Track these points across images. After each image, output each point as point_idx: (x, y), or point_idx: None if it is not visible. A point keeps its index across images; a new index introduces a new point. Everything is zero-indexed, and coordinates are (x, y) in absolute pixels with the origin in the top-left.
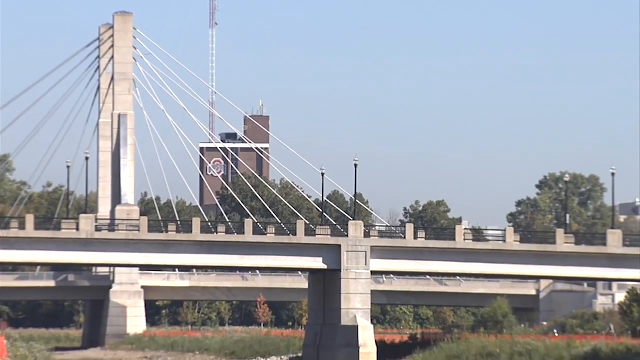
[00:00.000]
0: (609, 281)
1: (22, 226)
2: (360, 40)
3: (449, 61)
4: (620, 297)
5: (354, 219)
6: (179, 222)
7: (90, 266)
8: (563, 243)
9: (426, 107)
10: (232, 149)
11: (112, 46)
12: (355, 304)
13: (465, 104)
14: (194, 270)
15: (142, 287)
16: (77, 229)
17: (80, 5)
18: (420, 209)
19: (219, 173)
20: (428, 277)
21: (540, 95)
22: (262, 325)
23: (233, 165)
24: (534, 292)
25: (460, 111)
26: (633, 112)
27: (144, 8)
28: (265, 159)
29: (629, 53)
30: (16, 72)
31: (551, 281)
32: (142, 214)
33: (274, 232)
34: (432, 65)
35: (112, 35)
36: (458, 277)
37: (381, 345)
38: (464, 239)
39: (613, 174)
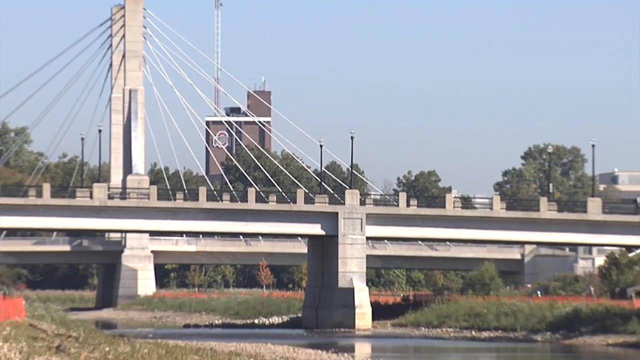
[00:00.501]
0: (589, 246)
1: (39, 194)
2: (356, 20)
3: (439, 40)
4: (600, 261)
5: (350, 188)
6: (186, 191)
7: (103, 232)
8: (546, 210)
9: (419, 83)
10: (236, 122)
11: (124, 25)
12: (352, 268)
13: (455, 79)
14: (200, 235)
15: (152, 251)
16: (91, 197)
17: None
18: (413, 178)
19: (223, 145)
20: (419, 242)
21: (526, 70)
22: (264, 287)
23: (237, 138)
24: (518, 257)
25: (451, 86)
26: (613, 86)
27: None
28: (267, 131)
29: (611, 27)
30: (33, 49)
31: (535, 246)
32: (151, 183)
33: (275, 200)
34: (424, 45)
35: (124, 15)
36: (447, 243)
37: (375, 306)
38: (454, 207)
39: (593, 146)
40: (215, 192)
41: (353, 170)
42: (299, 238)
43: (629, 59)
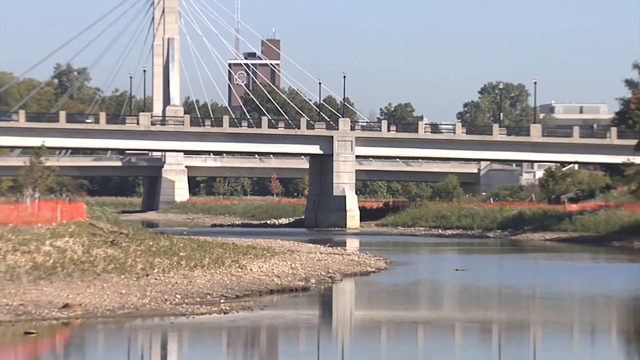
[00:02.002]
0: (531, 162)
1: (96, 121)
2: None
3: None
4: (540, 174)
5: (343, 117)
6: (212, 119)
7: (147, 151)
8: (497, 134)
9: (396, 29)
10: (252, 64)
11: None
12: (344, 180)
13: (427, 26)
14: (224, 154)
15: (186, 166)
16: (138, 124)
17: None
18: (392, 109)
19: (242, 82)
20: (397, 159)
21: (482, 17)
22: (274, 195)
23: (253, 77)
24: (475, 171)
25: (423, 32)
26: (553, 32)
27: None
28: (277, 71)
29: None
30: (92, 5)
31: (488, 162)
32: (185, 113)
33: (283, 126)
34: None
35: None
36: (419, 160)
37: (362, 210)
38: (424, 132)
39: (535, 83)
40: (235, 120)
41: (345, 103)
42: (302, 156)
43: (567, 7)
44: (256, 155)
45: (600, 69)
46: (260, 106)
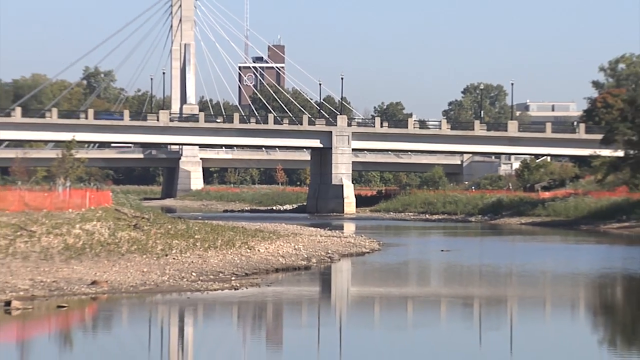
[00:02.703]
0: (509, 155)
1: (120, 117)
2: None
3: (405, 5)
4: (516, 165)
5: (340, 114)
6: (224, 116)
7: (166, 144)
8: (479, 130)
9: (389, 34)
10: (259, 67)
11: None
12: (341, 170)
13: (416, 30)
14: (235, 147)
15: (201, 158)
16: (158, 120)
17: None
18: (385, 107)
19: (251, 83)
20: (389, 152)
21: (465, 22)
22: (279, 184)
23: (260, 78)
24: (459, 162)
25: (413, 36)
26: (530, 37)
27: None
28: (282, 73)
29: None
30: (117, 13)
31: (471, 155)
32: (200, 110)
33: (287, 122)
34: (394, 5)
35: None
36: (409, 152)
37: (358, 197)
38: (413, 127)
39: (512, 84)
40: (245, 117)
41: (342, 102)
42: (304, 149)
43: (541, 15)
44: (263, 149)
45: (570, 71)
46: (267, 105)
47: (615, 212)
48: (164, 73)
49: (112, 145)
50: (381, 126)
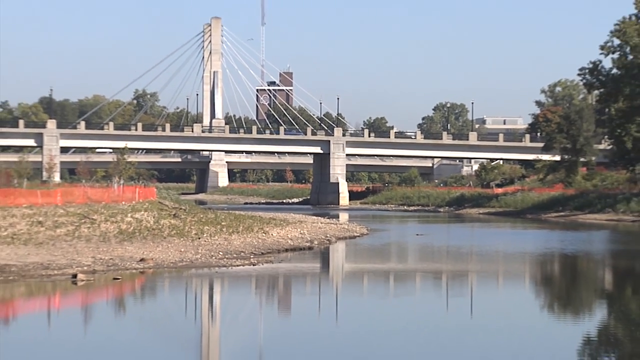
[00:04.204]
0: (470, 159)
1: (163, 129)
2: (339, 24)
3: (390, 27)
4: (476, 167)
5: (336, 127)
6: (244, 128)
7: (198, 151)
8: (446, 139)
9: (375, 62)
10: (273, 89)
11: (210, 36)
12: (337, 171)
13: (398, 59)
14: (253, 153)
15: (226, 161)
16: (192, 131)
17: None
18: (372, 121)
19: (266, 102)
20: (375, 157)
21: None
22: (288, 182)
23: (273, 98)
24: (430, 165)
25: (394, 63)
26: (488, 61)
27: (227, 12)
28: (290, 95)
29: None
30: (161, 47)
31: (440, 159)
32: (225, 124)
33: (294, 133)
34: (376, 30)
35: (210, 30)
36: (391, 157)
37: (351, 193)
38: (394, 137)
39: (472, 103)
40: (261, 129)
41: (338, 117)
42: (308, 154)
43: (494, 45)
44: (275, 154)
45: (518, 92)
46: (278, 119)
47: (554, 204)
48: (197, 94)
49: (156, 151)
50: (369, 136)
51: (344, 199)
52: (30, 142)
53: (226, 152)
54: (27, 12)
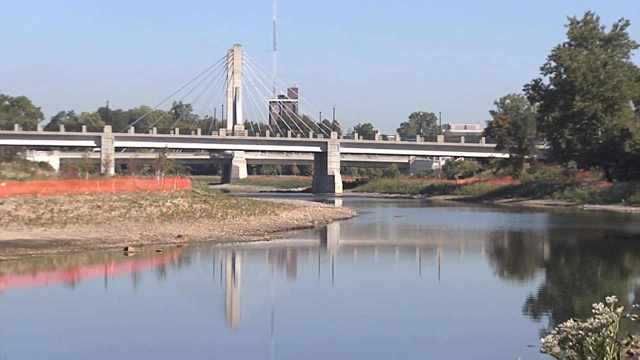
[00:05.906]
0: (438, 157)
1: (195, 133)
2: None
3: (372, 42)
4: (443, 163)
5: (333, 131)
6: (260, 132)
7: (224, 150)
8: (419, 141)
9: (362, 79)
10: (282, 101)
11: (233, 59)
12: (333, 166)
13: (381, 75)
14: (267, 152)
15: (246, 159)
16: (219, 134)
17: (220, 37)
18: (361, 126)
19: (277, 112)
20: (363, 154)
21: (412, 69)
22: (295, 174)
23: (282, 108)
24: (407, 161)
25: (378, 79)
26: (451, 78)
27: (246, 39)
28: (296, 106)
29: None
30: (193, 66)
31: (414, 157)
32: (245, 128)
33: (299, 136)
34: (367, 46)
35: (232, 54)
36: (376, 154)
37: (344, 183)
38: (378, 139)
39: (440, 112)
40: (273, 133)
41: (334, 123)
42: (310, 153)
43: (458, 62)
44: (284, 152)
45: (476, 103)
46: (287, 125)
47: (504, 192)
48: (222, 105)
49: (190, 150)
50: (358, 138)
51: (339, 188)
52: (91, 143)
53: (245, 151)
54: (88, 38)
